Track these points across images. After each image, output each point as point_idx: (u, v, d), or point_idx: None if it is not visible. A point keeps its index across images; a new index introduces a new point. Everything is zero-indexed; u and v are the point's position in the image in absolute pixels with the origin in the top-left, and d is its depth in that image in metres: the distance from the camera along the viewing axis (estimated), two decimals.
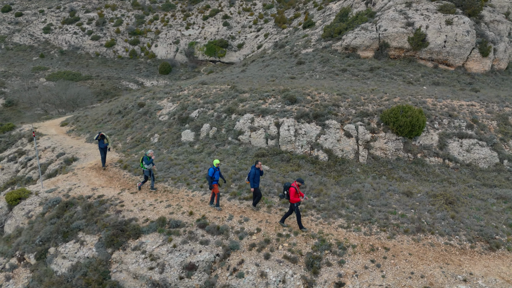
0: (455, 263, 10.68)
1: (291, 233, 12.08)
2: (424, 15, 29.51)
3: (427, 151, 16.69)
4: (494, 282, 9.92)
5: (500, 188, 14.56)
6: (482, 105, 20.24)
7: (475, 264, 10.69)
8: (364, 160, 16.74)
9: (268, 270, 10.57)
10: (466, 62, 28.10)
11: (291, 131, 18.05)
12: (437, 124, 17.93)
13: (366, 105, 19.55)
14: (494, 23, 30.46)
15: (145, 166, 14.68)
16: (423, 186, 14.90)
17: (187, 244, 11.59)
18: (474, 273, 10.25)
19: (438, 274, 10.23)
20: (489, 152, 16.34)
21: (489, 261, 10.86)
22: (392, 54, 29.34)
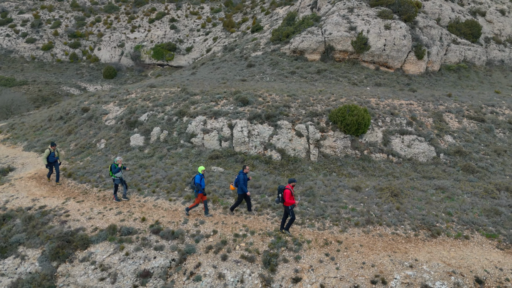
0: (401, 251, 11.34)
1: (248, 232, 12.10)
2: (365, 20, 31.21)
3: (372, 147, 17.60)
4: (436, 266, 10.67)
5: (438, 179, 15.73)
6: (420, 104, 21.78)
7: (420, 250, 11.43)
8: (315, 158, 17.25)
9: (226, 271, 10.48)
10: (404, 65, 30.13)
11: (245, 132, 18.13)
12: (380, 122, 19.00)
13: (315, 106, 20.19)
14: (427, 28, 32.99)
15: (115, 175, 13.84)
16: (371, 181, 15.67)
17: (141, 251, 11.15)
18: (419, 259, 10.95)
19: (387, 262, 10.80)
20: (427, 147, 17.62)
21: (432, 247, 11.66)
22: (337, 57, 30.63)
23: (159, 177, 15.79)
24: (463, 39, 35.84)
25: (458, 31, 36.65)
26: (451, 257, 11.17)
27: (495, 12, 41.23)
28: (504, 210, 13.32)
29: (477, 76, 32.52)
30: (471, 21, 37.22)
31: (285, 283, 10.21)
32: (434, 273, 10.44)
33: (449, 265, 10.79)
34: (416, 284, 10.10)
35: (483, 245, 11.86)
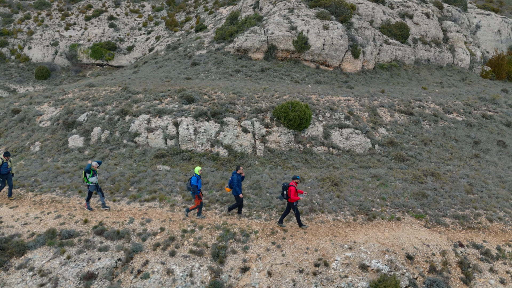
0: (342, 235, 12.14)
1: (196, 227, 12.19)
2: (305, 21, 32.49)
3: (314, 141, 18.48)
4: (372, 247, 11.58)
5: (374, 168, 16.97)
6: (356, 100, 23.22)
7: (358, 233, 12.31)
8: (261, 153, 17.72)
9: (175, 267, 10.49)
10: (341, 63, 31.86)
11: (191, 130, 18.10)
12: (321, 117, 20.00)
13: (260, 103, 20.70)
14: (361, 29, 35.15)
15: (90, 180, 12.82)
16: (313, 172, 16.48)
17: (84, 254, 10.77)
18: (357, 241, 11.80)
19: (329, 246, 11.51)
20: (363, 139, 18.90)
21: (368, 230, 12.61)
22: (280, 56, 31.57)
23: (101, 178, 15.25)
24: (394, 40, 38.67)
25: (389, 32, 39.47)
26: (385, 238, 12.17)
27: (421, 15, 44.97)
28: (430, 193, 14.76)
29: (407, 74, 35.31)
30: (400, 23, 40.27)
31: (234, 273, 10.47)
32: (371, 253, 11.33)
33: (383, 245, 11.76)
34: (354, 263, 10.89)
35: (413, 225, 13.07)
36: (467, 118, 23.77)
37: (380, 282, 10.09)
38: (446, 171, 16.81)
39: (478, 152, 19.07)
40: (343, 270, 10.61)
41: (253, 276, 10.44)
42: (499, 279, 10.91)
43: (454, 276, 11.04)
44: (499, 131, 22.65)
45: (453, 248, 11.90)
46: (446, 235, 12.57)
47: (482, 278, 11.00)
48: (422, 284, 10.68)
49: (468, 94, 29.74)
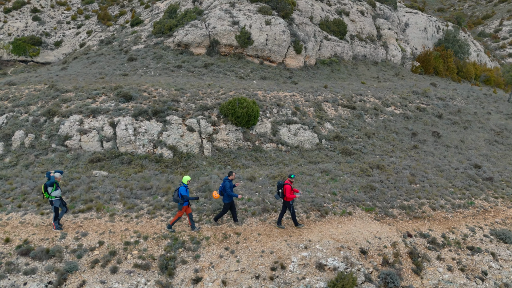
0: (296, 234, 11.78)
1: (140, 238, 11.07)
2: (247, 15, 31.97)
3: (263, 138, 18.04)
4: (327, 244, 11.37)
5: (322, 163, 16.95)
6: (301, 95, 23.24)
7: (312, 231, 12.05)
8: (208, 152, 16.86)
9: (117, 285, 9.36)
10: (285, 59, 31.89)
11: (130, 130, 16.66)
12: (269, 113, 19.62)
13: (205, 99, 19.78)
14: (302, 25, 35.52)
15: (53, 195, 10.93)
16: (263, 170, 16.01)
17: (5, 279, 9.18)
18: (312, 240, 11.53)
19: (284, 247, 11.08)
20: (311, 134, 18.86)
21: (322, 227, 12.42)
22: (223, 51, 30.74)
23: (26, 189, 13.38)
24: (333, 36, 39.70)
25: (328, 28, 40.45)
26: (339, 233, 12.06)
27: (356, 13, 46.77)
28: (377, 185, 15.03)
29: (346, 69, 36.43)
30: (338, 20, 41.46)
31: (185, 286, 9.60)
32: (326, 251, 11.11)
33: (338, 241, 11.62)
34: (311, 263, 10.58)
35: (364, 219, 13.15)
36: (404, 111, 24.96)
37: (337, 281, 9.86)
38: (390, 163, 17.32)
39: (417, 143, 19.99)
40: (301, 272, 10.24)
41: (206, 286, 9.66)
42: (446, 266, 11.28)
43: (406, 267, 11.21)
44: (432, 123, 24.06)
45: (402, 239, 12.12)
46: (395, 226, 12.80)
47: (431, 267, 11.30)
48: (377, 278, 10.68)
49: (403, 88, 31.38)
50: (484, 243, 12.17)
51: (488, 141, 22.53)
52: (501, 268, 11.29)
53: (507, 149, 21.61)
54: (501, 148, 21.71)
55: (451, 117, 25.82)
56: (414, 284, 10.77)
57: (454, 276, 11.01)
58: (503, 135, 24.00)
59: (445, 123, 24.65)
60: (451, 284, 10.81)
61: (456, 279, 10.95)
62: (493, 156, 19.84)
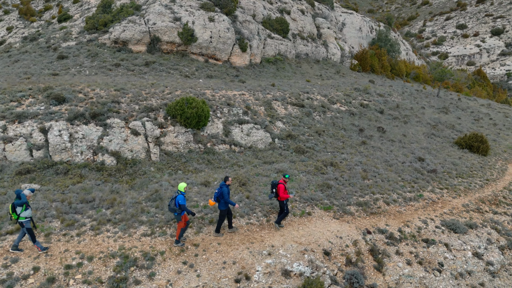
0: (258, 240, 11.21)
1: (84, 260, 9.72)
2: (189, 11, 30.70)
3: (215, 139, 17.21)
4: (291, 248, 10.95)
5: (277, 163, 16.58)
6: (251, 94, 22.73)
7: (274, 236, 11.56)
8: (156, 157, 15.64)
9: None
10: (230, 57, 31.18)
11: (65, 137, 14.85)
12: (219, 113, 18.80)
13: (149, 100, 18.41)
14: (246, 23, 35.06)
15: (23, 215, 9.53)
16: (218, 174, 15.22)
17: None
18: (275, 245, 11.03)
19: (247, 255, 10.44)
20: (264, 134, 18.42)
21: (283, 230, 11.98)
22: (165, 48, 29.19)
23: None
24: (276, 35, 39.80)
25: (271, 27, 40.49)
26: (301, 236, 11.71)
27: (297, 12, 47.48)
28: (333, 183, 14.99)
29: (291, 67, 36.71)
30: (280, 18, 41.68)
31: None
32: (290, 256, 10.68)
33: (301, 244, 11.26)
34: (277, 271, 10.08)
35: (323, 218, 12.97)
36: (349, 107, 25.60)
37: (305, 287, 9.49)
38: (342, 160, 17.47)
39: (365, 139, 20.50)
40: (266, 281, 9.68)
41: None
42: (405, 260, 11.45)
43: (368, 265, 11.18)
44: (376, 118, 24.95)
45: (362, 237, 12.12)
46: (354, 224, 12.78)
47: (391, 262, 11.40)
48: (342, 280, 10.49)
49: (345, 86, 32.33)
50: (437, 235, 12.60)
51: (426, 134, 23.90)
52: (455, 258, 11.73)
53: (444, 142, 23.08)
54: (438, 140, 23.13)
55: (391, 113, 27.04)
56: (378, 281, 10.75)
57: (413, 270, 11.20)
58: (438, 128, 25.64)
59: (387, 118, 25.72)
60: (411, 278, 10.98)
61: (415, 272, 11.14)
62: (433, 149, 21.02)
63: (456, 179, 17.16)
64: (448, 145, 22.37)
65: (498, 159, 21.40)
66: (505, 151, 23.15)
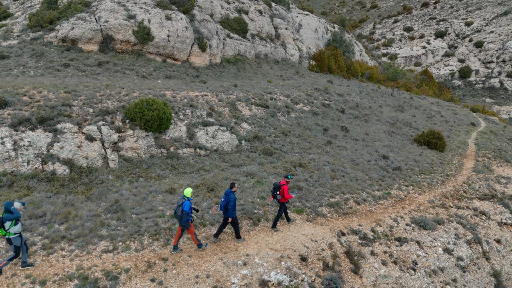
0: (232, 250, 10.55)
1: (35, 284, 8.53)
2: (144, 9, 29.25)
3: (178, 143, 16.26)
4: (267, 256, 10.41)
5: (245, 166, 16.00)
6: (213, 95, 21.96)
7: (248, 243, 10.96)
8: (115, 164, 14.42)
9: None
10: (189, 57, 30.12)
11: (8, 144, 13.23)
12: (182, 115, 17.85)
13: (105, 102, 17.06)
14: (204, 22, 34.12)
15: (12, 231, 8.63)
16: (183, 179, 14.33)
17: None
18: (250, 253, 10.43)
19: (221, 267, 9.76)
20: (230, 136, 17.75)
21: (257, 236, 11.42)
22: (119, 47, 27.54)
23: None
24: (235, 35, 39.22)
25: (230, 26, 39.86)
26: (275, 242, 11.21)
27: (255, 12, 47.24)
28: (303, 184, 14.67)
29: (251, 68, 36.31)
30: (239, 18, 41.17)
31: None
32: (267, 264, 10.14)
33: (276, 251, 10.76)
34: (254, 282, 9.49)
35: (297, 221, 12.57)
36: (312, 107, 25.62)
37: None
38: (310, 160, 17.26)
39: (330, 138, 20.50)
40: None
41: None
42: (380, 261, 11.33)
43: (345, 268, 10.93)
44: (338, 118, 25.17)
45: (337, 239, 11.87)
46: (328, 226, 12.51)
47: (367, 263, 11.23)
48: (321, 286, 10.13)
49: (306, 86, 32.47)
50: (408, 232, 12.66)
51: (387, 132, 24.47)
52: (427, 255, 11.81)
53: (404, 139, 23.75)
54: (398, 138, 23.75)
55: (352, 112, 27.46)
56: (355, 284, 10.52)
57: (389, 270, 11.10)
58: (397, 126, 26.40)
59: (348, 117, 26.06)
60: (387, 279, 10.87)
61: (391, 272, 11.05)
62: (395, 147, 21.50)
63: (419, 175, 17.56)
64: (408, 142, 23.03)
65: (454, 154, 22.35)
66: (459, 147, 24.29)
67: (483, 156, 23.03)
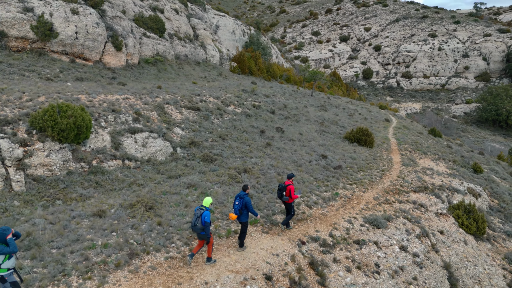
0: (186, 279, 8.90)
1: None
2: (44, 1, 25.11)
3: (102, 155, 13.77)
4: (228, 280, 9.01)
5: (185, 176, 14.24)
6: (137, 98, 19.57)
7: (204, 268, 9.40)
8: (21, 186, 11.50)
9: None
10: (103, 57, 26.80)
11: None
12: (103, 122, 15.26)
13: (2, 110, 13.71)
14: (117, 19, 30.85)
15: (4, 267, 6.69)
16: (114, 198, 12.06)
17: None
18: (209, 280, 8.91)
19: None
20: (163, 143, 15.72)
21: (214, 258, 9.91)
22: (15, 45, 23.15)
23: None
24: (152, 34, 36.46)
25: (145, 25, 36.96)
26: (235, 262, 9.84)
27: (171, 11, 44.77)
28: (252, 192, 13.50)
29: (173, 69, 34.05)
30: (155, 16, 38.45)
31: None
32: None
33: (238, 273, 9.40)
34: None
35: (252, 235, 11.35)
36: (243, 109, 24.66)
37: None
38: (254, 165, 16.19)
39: (268, 140, 19.71)
40: None
41: None
42: (345, 268, 10.71)
43: (312, 281, 10.04)
44: (270, 119, 24.62)
45: (298, 249, 10.95)
46: (286, 235, 11.54)
47: (332, 273, 10.51)
48: None
49: (232, 87, 31.46)
50: (364, 233, 12.33)
51: (318, 131, 24.65)
52: (387, 255, 11.57)
53: (335, 137, 24.14)
54: (330, 136, 24.06)
55: (282, 113, 27.22)
56: None
57: (354, 277, 10.53)
58: (325, 125, 26.86)
59: (280, 118, 25.71)
60: (354, 287, 10.27)
61: (357, 279, 10.49)
62: (330, 145, 21.63)
63: (359, 173, 17.71)
64: (340, 140, 23.44)
65: (381, 149, 23.37)
66: (384, 142, 25.59)
67: (405, 150, 24.55)
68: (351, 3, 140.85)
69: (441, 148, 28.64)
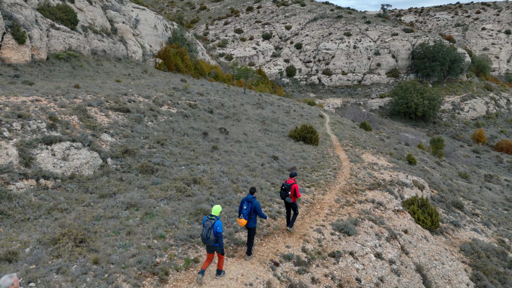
0: None
1: None
2: None
3: (7, 174, 10.50)
4: None
5: (121, 193, 11.62)
6: (50, 100, 16.07)
7: None
8: None
9: None
10: (1, 51, 22.00)
11: None
12: (7, 131, 11.81)
13: None
14: (16, 6, 25.81)
15: None
16: (28, 232, 9.10)
17: None
18: None
19: None
20: (89, 154, 12.77)
21: None
22: None
23: None
24: (62, 25, 31.65)
25: (53, 15, 31.97)
26: None
27: (83, 0, 39.73)
28: (206, 206, 11.48)
29: (90, 66, 29.90)
30: (64, 5, 33.54)
31: None
32: None
33: None
34: None
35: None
36: (179, 109, 22.24)
37: None
38: (203, 173, 14.10)
39: (214, 143, 17.70)
40: None
41: None
42: None
43: None
44: (210, 119, 22.59)
45: (273, 273, 9.30)
46: (255, 257, 9.81)
47: None
48: None
49: (162, 85, 28.64)
50: (337, 243, 11.16)
51: (261, 130, 23.29)
52: (365, 267, 10.50)
53: (279, 136, 22.99)
54: (274, 135, 22.85)
55: (220, 112, 25.34)
56: None
57: None
58: (267, 123, 25.64)
59: (219, 118, 23.81)
60: None
61: None
62: (277, 145, 20.37)
63: (313, 173, 16.69)
64: (285, 139, 22.36)
65: (326, 146, 22.84)
66: (326, 139, 25.21)
67: (347, 146, 24.43)
68: (270, 1, 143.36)
69: (375, 141, 29.38)
